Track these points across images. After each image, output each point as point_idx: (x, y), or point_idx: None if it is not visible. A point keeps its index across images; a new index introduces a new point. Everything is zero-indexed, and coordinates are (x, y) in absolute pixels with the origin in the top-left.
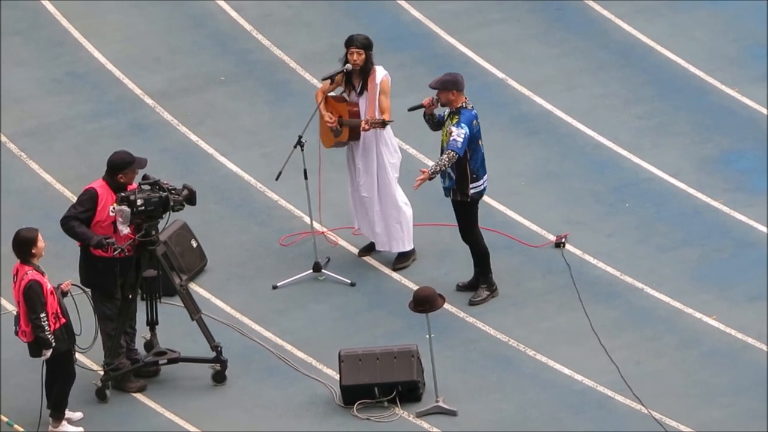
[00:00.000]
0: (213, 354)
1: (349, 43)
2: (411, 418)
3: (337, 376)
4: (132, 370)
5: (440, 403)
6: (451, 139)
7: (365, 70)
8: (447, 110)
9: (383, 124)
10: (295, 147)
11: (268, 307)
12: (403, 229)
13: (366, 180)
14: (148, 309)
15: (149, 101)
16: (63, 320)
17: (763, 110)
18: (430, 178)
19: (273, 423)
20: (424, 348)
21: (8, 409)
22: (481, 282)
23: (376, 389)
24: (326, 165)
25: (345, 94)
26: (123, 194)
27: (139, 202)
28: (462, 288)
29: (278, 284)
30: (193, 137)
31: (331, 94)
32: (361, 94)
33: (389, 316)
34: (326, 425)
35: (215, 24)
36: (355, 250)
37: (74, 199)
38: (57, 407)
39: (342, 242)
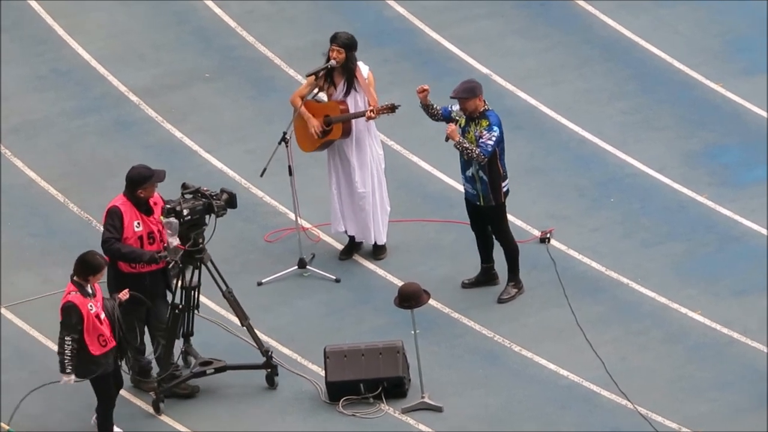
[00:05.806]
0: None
1: (332, 40)
2: (396, 414)
3: (323, 373)
4: (185, 379)
5: (426, 399)
6: (482, 142)
7: (348, 70)
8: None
9: (392, 108)
10: (279, 143)
11: (253, 304)
12: (385, 220)
13: (361, 175)
14: (185, 320)
15: (133, 98)
16: (112, 343)
17: (747, 104)
18: (456, 144)
19: (258, 419)
20: (409, 344)
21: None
22: (509, 279)
23: (361, 385)
24: (309, 161)
25: (324, 93)
26: (169, 206)
27: (185, 212)
28: (468, 285)
29: (263, 281)
30: (178, 134)
31: (308, 98)
32: (347, 93)
33: (374, 312)
34: (312, 421)
35: (198, 21)
36: (339, 246)
37: (59, 196)
38: (100, 430)
39: (327, 238)
